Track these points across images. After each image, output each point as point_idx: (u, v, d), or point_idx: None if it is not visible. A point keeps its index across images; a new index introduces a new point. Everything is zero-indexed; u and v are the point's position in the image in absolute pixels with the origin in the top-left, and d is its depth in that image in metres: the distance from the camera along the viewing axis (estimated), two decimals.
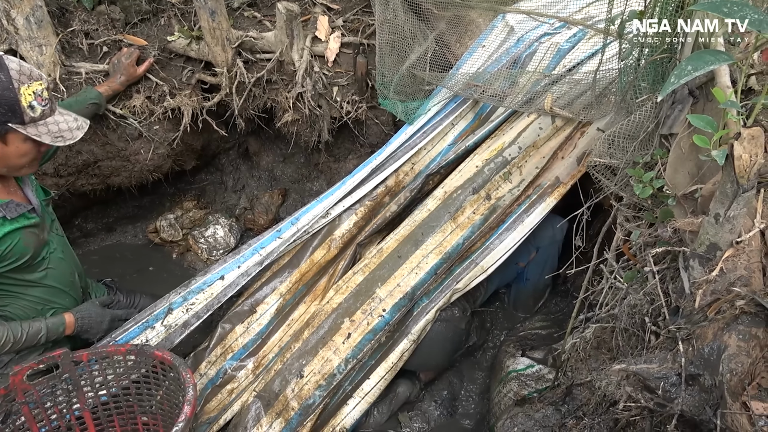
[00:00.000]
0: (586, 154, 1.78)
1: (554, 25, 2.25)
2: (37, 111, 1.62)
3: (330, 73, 2.60)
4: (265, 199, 3.07)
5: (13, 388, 1.76)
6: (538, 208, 2.02)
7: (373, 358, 1.97)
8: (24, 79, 1.58)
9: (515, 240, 2.00)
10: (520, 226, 2.02)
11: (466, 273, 2.03)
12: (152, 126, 2.49)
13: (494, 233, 2.07)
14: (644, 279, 1.35)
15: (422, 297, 2.02)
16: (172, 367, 1.82)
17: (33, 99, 1.60)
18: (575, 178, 2.00)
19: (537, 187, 2.06)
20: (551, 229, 2.23)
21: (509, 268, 2.29)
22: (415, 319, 2.00)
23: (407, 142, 2.29)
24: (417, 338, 1.97)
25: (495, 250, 2.04)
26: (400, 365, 1.97)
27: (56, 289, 1.94)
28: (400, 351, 1.97)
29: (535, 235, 2.06)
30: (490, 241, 2.04)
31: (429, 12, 2.40)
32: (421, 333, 1.98)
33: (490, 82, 2.12)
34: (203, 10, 2.32)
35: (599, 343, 1.51)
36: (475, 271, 2.03)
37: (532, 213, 2.02)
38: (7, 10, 2.17)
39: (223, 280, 2.12)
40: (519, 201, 2.08)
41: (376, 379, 1.94)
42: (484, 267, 2.03)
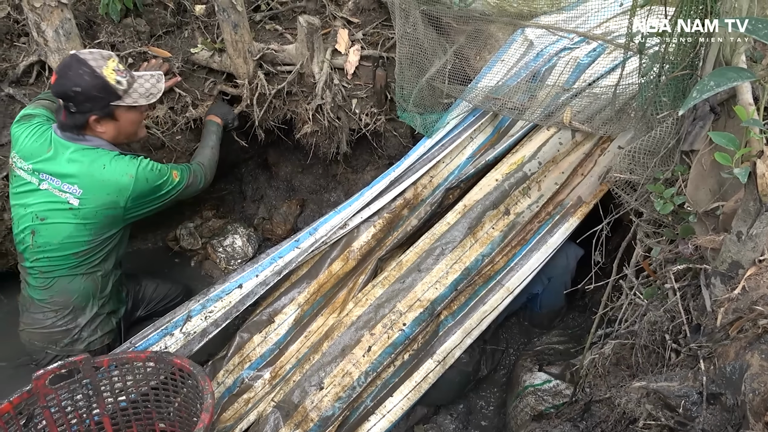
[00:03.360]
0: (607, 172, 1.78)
1: (574, 39, 2.25)
2: (123, 84, 1.93)
3: (349, 85, 2.63)
4: (283, 209, 3.10)
5: (35, 391, 1.79)
6: (561, 229, 2.00)
7: (396, 376, 1.95)
8: (101, 63, 1.89)
9: (539, 261, 1.98)
10: (543, 246, 2.00)
11: (492, 294, 2.01)
12: (174, 136, 2.54)
13: (518, 254, 2.04)
14: (664, 296, 1.34)
15: (447, 317, 2.00)
16: (190, 374, 1.84)
17: (116, 75, 1.92)
18: (597, 197, 1.99)
19: (559, 206, 2.05)
20: (564, 258, 2.21)
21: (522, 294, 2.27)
22: (440, 340, 1.98)
23: (426, 155, 2.30)
24: (443, 359, 1.95)
25: (520, 271, 2.02)
26: (425, 387, 1.93)
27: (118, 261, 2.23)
28: (425, 371, 1.94)
29: (548, 264, 2.05)
30: (515, 262, 2.03)
31: (448, 26, 2.42)
32: (447, 355, 1.96)
33: (509, 96, 2.13)
34: (226, 23, 2.37)
35: (618, 360, 1.50)
36: (501, 293, 2.00)
37: (556, 233, 2.00)
38: (37, 22, 2.23)
39: (242, 289, 2.14)
40: (539, 218, 2.06)
41: (399, 397, 1.92)
42: (510, 288, 2.00)
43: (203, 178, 2.23)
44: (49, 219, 1.97)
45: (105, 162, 1.94)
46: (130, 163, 1.96)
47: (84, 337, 2.11)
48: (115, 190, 1.94)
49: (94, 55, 1.89)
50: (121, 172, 1.94)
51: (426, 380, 1.94)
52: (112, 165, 1.94)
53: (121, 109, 1.96)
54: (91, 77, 1.86)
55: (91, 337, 2.13)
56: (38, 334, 2.09)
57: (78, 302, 2.07)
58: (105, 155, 1.96)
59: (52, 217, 1.97)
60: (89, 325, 2.12)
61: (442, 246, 2.08)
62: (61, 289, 2.04)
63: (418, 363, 1.98)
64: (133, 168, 1.95)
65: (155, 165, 2.02)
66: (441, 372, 1.94)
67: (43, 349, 2.11)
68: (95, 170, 1.93)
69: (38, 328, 2.08)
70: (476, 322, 1.96)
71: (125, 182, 1.93)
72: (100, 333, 2.15)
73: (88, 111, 1.90)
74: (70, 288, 2.05)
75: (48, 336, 2.08)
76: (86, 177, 1.93)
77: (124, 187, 1.94)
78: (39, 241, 2.01)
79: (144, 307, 2.44)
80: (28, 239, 2.02)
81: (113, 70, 1.91)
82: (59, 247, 2.00)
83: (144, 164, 1.98)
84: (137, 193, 1.96)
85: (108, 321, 2.19)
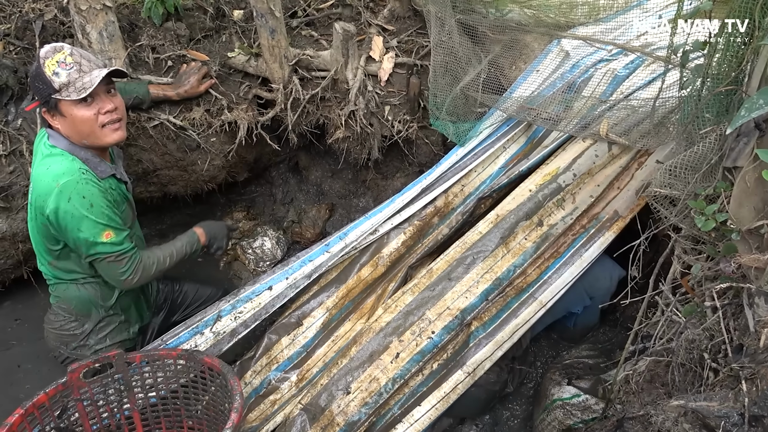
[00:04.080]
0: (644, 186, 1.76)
1: (611, 51, 2.23)
2: (62, 76, 1.79)
3: (382, 92, 2.64)
4: (312, 213, 3.13)
5: (70, 384, 1.83)
6: (596, 242, 1.97)
7: (424, 385, 1.94)
8: (49, 55, 1.79)
9: (573, 274, 1.95)
10: (578, 260, 1.97)
11: (525, 307, 1.98)
12: (209, 138, 2.58)
13: (551, 267, 2.02)
14: (703, 314, 1.31)
15: (478, 328, 1.98)
16: (219, 374, 1.86)
17: (56, 67, 1.78)
18: (634, 211, 1.96)
19: (594, 220, 2.02)
20: (608, 279, 2.16)
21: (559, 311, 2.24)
22: (471, 351, 1.95)
23: (458, 163, 2.30)
24: (473, 371, 1.92)
25: (553, 284, 1.98)
26: (453, 397, 1.91)
27: None
28: (454, 382, 1.92)
29: (591, 284, 2.01)
30: (548, 275, 2.00)
31: (484, 35, 2.42)
32: (477, 367, 1.93)
33: (544, 106, 2.12)
34: (264, 28, 2.40)
35: (652, 377, 1.48)
36: (534, 306, 1.97)
37: (591, 247, 1.97)
38: (82, 24, 2.29)
39: (271, 291, 2.16)
40: (574, 231, 2.04)
41: (427, 407, 1.90)
42: (543, 302, 1.97)
43: (135, 274, 1.94)
44: (29, 220, 1.96)
45: (52, 163, 1.84)
46: (68, 173, 1.80)
47: (90, 344, 2.11)
48: (43, 193, 1.81)
49: (53, 46, 1.81)
50: (54, 177, 1.79)
51: (455, 391, 1.92)
52: (54, 168, 1.82)
53: (65, 104, 1.81)
54: (35, 69, 1.81)
55: (98, 345, 2.11)
56: (53, 334, 2.11)
57: (79, 309, 2.06)
58: (58, 156, 1.85)
59: (29, 219, 1.95)
60: (96, 332, 2.10)
61: (473, 255, 2.07)
62: (61, 295, 2.05)
63: (448, 373, 1.95)
64: (65, 178, 1.79)
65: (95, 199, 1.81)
66: (470, 383, 1.92)
67: (57, 348, 2.13)
68: (41, 168, 1.85)
69: (52, 329, 2.11)
70: (508, 335, 1.93)
71: (50, 188, 1.78)
72: (109, 342, 2.12)
73: (37, 101, 1.86)
74: (67, 295, 2.03)
75: (59, 337, 2.10)
76: (35, 174, 1.87)
77: (47, 192, 1.79)
78: (34, 248, 2.00)
79: (182, 311, 2.43)
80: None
81: (57, 61, 1.79)
82: (38, 252, 1.97)
83: (81, 185, 1.79)
84: (55, 206, 1.78)
85: (122, 331, 2.16)
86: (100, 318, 2.09)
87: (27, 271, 2.63)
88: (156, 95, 2.41)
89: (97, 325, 2.09)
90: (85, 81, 1.81)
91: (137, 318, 2.23)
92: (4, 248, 2.49)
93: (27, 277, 2.65)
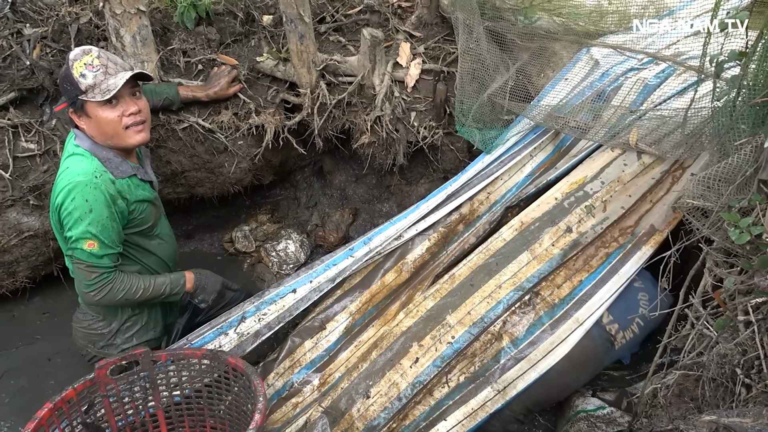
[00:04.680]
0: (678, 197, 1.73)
1: (642, 60, 2.21)
2: (88, 78, 1.84)
3: (409, 98, 2.65)
4: (336, 217, 3.14)
5: (97, 380, 1.86)
6: (633, 257, 1.92)
7: (450, 398, 1.90)
8: (78, 57, 1.85)
9: (611, 291, 1.90)
10: (615, 276, 1.92)
11: (560, 325, 1.91)
12: (237, 141, 2.61)
13: (585, 282, 1.96)
14: (736, 328, 1.29)
15: (508, 344, 1.92)
16: (243, 374, 1.88)
17: (84, 69, 1.84)
18: (671, 225, 1.92)
19: (630, 235, 1.98)
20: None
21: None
22: (501, 368, 1.90)
23: (484, 171, 2.29)
24: (503, 389, 1.87)
25: (590, 301, 1.92)
26: (482, 415, 1.86)
27: (163, 261, 2.20)
28: (483, 398, 1.87)
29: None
30: (583, 291, 1.94)
31: (512, 42, 2.41)
32: (507, 385, 1.88)
33: (572, 115, 2.11)
34: (293, 33, 2.43)
35: (681, 391, 1.45)
36: (570, 324, 1.90)
37: (628, 262, 1.93)
38: (116, 28, 2.34)
39: (295, 294, 2.18)
40: (606, 244, 1.99)
41: (452, 422, 1.86)
42: (580, 320, 1.90)
43: (100, 292, 1.92)
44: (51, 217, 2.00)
45: (71, 163, 1.89)
46: (84, 174, 1.85)
47: (118, 343, 2.14)
48: (57, 191, 1.87)
49: (82, 49, 1.87)
50: (69, 176, 1.85)
51: (483, 408, 1.86)
52: (73, 168, 1.87)
53: (91, 105, 1.87)
54: (64, 69, 1.86)
55: (125, 344, 2.15)
56: (81, 332, 2.15)
57: (106, 309, 2.10)
58: (79, 156, 1.89)
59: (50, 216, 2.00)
60: (123, 332, 2.14)
61: (496, 261, 2.06)
62: None
63: (476, 389, 1.90)
64: (79, 177, 1.83)
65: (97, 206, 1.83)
66: (501, 402, 1.85)
67: (84, 346, 2.17)
68: (62, 168, 1.91)
69: (80, 327, 2.15)
70: (542, 354, 1.86)
71: (62, 185, 1.84)
72: (135, 341, 2.16)
73: (66, 102, 1.91)
74: None
75: (87, 336, 2.14)
76: (57, 175, 1.92)
77: (60, 189, 1.85)
78: (60, 244, 2.04)
79: (206, 312, 2.46)
80: None
81: (84, 63, 1.84)
82: (65, 251, 2.00)
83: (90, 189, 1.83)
84: (60, 202, 1.84)
85: (147, 331, 2.20)
86: (126, 317, 2.13)
87: (57, 268, 2.69)
88: (185, 96, 2.45)
89: (123, 324, 2.13)
90: (110, 83, 1.86)
91: (162, 318, 2.27)
92: (36, 245, 2.55)
93: (57, 274, 2.71)
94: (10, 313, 2.73)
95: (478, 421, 1.86)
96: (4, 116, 2.43)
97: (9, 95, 2.42)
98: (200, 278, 2.19)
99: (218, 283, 2.24)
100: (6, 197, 2.41)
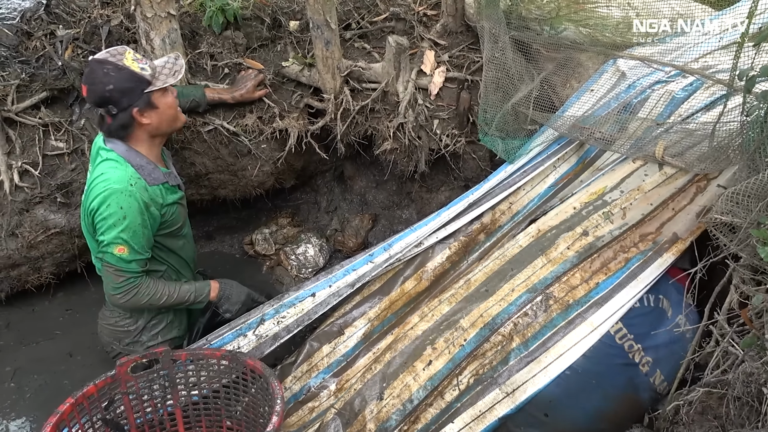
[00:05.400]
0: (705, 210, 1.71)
1: (669, 72, 2.19)
2: (147, 69, 1.92)
3: (432, 105, 2.65)
4: (355, 223, 3.15)
5: (118, 377, 1.89)
6: (654, 264, 1.90)
7: (459, 401, 1.90)
8: (119, 57, 1.88)
9: (629, 297, 1.87)
10: (634, 281, 1.88)
11: (572, 327, 1.88)
12: (260, 144, 2.64)
13: (602, 286, 1.93)
14: (763, 347, 1.27)
15: (519, 346, 1.90)
16: (261, 376, 1.89)
17: (138, 63, 1.90)
18: (695, 234, 1.90)
19: (652, 242, 1.95)
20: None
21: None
22: (510, 369, 1.88)
23: (506, 180, 2.28)
24: (511, 392, 1.86)
25: (606, 305, 1.89)
26: (490, 418, 1.84)
27: (185, 261, 2.24)
28: (491, 400, 1.86)
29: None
30: (600, 295, 1.92)
31: (537, 53, 2.41)
32: (516, 388, 1.86)
33: (598, 126, 2.09)
34: (319, 39, 2.45)
35: (704, 409, 1.43)
36: (585, 328, 1.87)
37: (648, 268, 1.90)
38: (147, 31, 2.39)
39: (314, 298, 2.19)
40: (625, 249, 1.96)
41: (460, 424, 1.85)
42: (594, 324, 1.86)
43: (126, 295, 1.98)
44: (81, 219, 2.05)
45: (106, 168, 1.92)
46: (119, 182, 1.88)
47: (143, 341, 2.17)
48: (92, 197, 1.90)
49: (110, 52, 1.89)
50: (105, 183, 1.88)
51: (492, 411, 1.85)
52: (107, 175, 1.90)
53: (156, 95, 1.93)
54: (116, 72, 1.85)
55: (150, 341, 2.18)
56: (106, 329, 2.19)
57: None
58: (114, 163, 1.92)
59: (81, 218, 2.04)
60: (149, 329, 2.17)
61: (511, 267, 2.04)
62: None
63: (483, 390, 1.89)
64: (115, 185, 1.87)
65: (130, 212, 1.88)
66: (510, 406, 1.83)
67: (110, 343, 2.20)
68: (96, 174, 1.92)
69: (106, 324, 2.18)
70: (554, 357, 1.85)
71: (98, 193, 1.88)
72: (160, 339, 2.20)
73: (128, 105, 1.89)
74: None
75: (113, 333, 2.17)
76: (90, 181, 1.94)
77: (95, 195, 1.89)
78: (88, 244, 2.10)
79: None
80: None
81: (132, 59, 1.89)
82: (93, 250, 2.05)
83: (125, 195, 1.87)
84: (95, 207, 1.89)
85: (171, 329, 2.23)
86: (152, 315, 2.16)
87: (81, 265, 2.74)
88: (212, 98, 2.48)
89: (149, 322, 2.16)
90: (168, 67, 1.96)
91: (186, 316, 2.30)
92: (62, 242, 2.60)
93: (80, 271, 2.75)
94: (30, 307, 2.77)
95: (487, 424, 1.84)
96: (36, 115, 2.48)
97: (41, 94, 2.48)
98: (225, 288, 2.22)
99: (243, 293, 2.26)
100: (35, 194, 2.46)
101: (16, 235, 2.49)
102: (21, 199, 2.45)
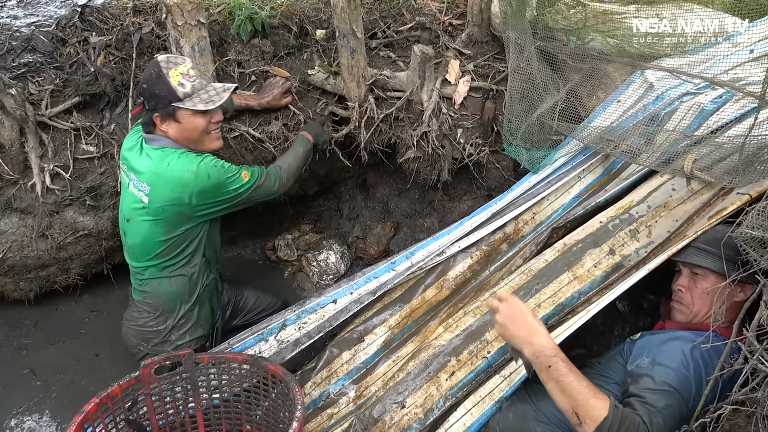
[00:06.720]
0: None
1: (698, 84, 2.16)
2: (186, 87, 1.98)
3: (456, 115, 2.66)
4: (377, 230, 3.16)
5: (141, 378, 1.92)
6: None
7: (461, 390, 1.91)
8: (171, 66, 1.98)
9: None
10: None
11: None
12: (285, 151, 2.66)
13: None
14: None
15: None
16: (282, 381, 1.90)
17: (181, 78, 1.98)
18: None
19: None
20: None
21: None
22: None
23: (530, 190, 2.27)
24: (509, 375, 1.88)
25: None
26: (488, 402, 1.86)
27: (216, 255, 2.35)
28: (491, 386, 1.88)
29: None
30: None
31: (563, 63, 2.40)
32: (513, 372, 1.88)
33: (624, 138, 2.07)
34: (345, 48, 2.48)
35: (731, 427, 1.40)
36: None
37: None
38: (177, 38, 2.43)
39: (336, 304, 2.20)
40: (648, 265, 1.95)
41: (462, 411, 1.87)
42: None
43: (277, 180, 2.22)
44: (132, 218, 2.08)
45: (170, 159, 2.01)
46: (193, 160, 2.01)
47: (172, 340, 2.21)
48: (177, 186, 1.99)
49: (169, 59, 2.00)
50: (183, 168, 1.99)
51: (491, 396, 1.87)
52: (176, 162, 2.00)
53: (182, 112, 2.00)
54: (156, 77, 1.96)
55: (179, 341, 2.22)
56: (133, 331, 2.22)
57: (166, 305, 2.17)
58: (171, 153, 2.03)
59: (133, 217, 2.08)
60: (178, 328, 2.21)
61: (538, 282, 2.03)
62: (152, 291, 2.16)
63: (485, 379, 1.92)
64: (195, 164, 2.00)
65: (220, 162, 2.05)
66: (505, 389, 1.85)
67: (136, 345, 2.24)
68: (161, 167, 2.00)
69: (134, 326, 2.22)
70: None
71: (186, 178, 1.98)
72: (188, 338, 2.24)
73: (153, 108, 2.00)
74: (159, 290, 2.15)
75: (141, 334, 2.21)
76: (153, 174, 2.01)
77: (185, 183, 1.99)
78: (128, 242, 2.13)
79: (242, 316, 2.53)
80: (123, 240, 2.17)
81: (180, 73, 1.98)
82: (142, 248, 2.09)
83: (207, 161, 2.02)
84: (199, 188, 2.00)
85: (198, 327, 2.27)
86: (181, 314, 2.20)
87: (107, 267, 2.78)
88: (239, 104, 2.52)
89: (178, 321, 2.20)
90: (211, 94, 2.03)
91: (210, 314, 2.34)
92: (90, 244, 2.65)
93: (107, 273, 2.80)
94: (54, 306, 2.82)
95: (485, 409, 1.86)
96: (68, 119, 2.54)
97: (73, 99, 2.54)
98: (311, 130, 2.52)
99: (318, 125, 2.60)
100: (65, 197, 2.52)
101: (46, 237, 2.55)
102: (51, 201, 2.51)
